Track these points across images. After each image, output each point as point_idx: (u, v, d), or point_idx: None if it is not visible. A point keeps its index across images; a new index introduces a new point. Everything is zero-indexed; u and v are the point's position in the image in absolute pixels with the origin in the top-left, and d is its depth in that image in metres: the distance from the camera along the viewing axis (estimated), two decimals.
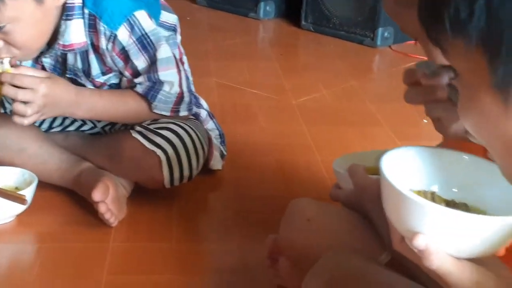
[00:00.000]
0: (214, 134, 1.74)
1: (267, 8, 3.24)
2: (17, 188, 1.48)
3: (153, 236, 1.47)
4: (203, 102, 1.77)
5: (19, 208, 1.45)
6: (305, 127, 2.08)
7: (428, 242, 0.64)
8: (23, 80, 1.37)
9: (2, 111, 1.60)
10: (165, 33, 1.61)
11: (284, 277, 1.27)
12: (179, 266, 1.37)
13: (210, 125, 1.74)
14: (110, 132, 1.68)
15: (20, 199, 1.41)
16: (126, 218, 1.51)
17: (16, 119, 1.38)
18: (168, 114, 1.53)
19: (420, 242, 0.64)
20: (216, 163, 1.72)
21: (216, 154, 1.72)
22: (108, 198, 1.44)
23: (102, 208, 1.43)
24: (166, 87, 1.50)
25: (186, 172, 1.51)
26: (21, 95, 1.36)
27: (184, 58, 1.74)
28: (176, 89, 1.52)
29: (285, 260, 1.26)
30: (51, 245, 1.41)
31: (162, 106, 1.52)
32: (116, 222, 1.47)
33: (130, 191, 1.57)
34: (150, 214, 1.55)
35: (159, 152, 1.47)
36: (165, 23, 1.63)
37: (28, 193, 1.44)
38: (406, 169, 0.75)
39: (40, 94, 1.38)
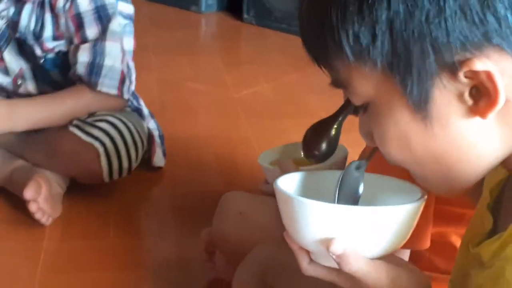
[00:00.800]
0: (156, 134, 1.72)
1: (209, 1, 3.23)
2: None
3: (89, 233, 1.46)
4: (143, 103, 1.75)
5: None
6: (245, 121, 2.08)
7: (344, 245, 0.63)
8: None
9: None
10: (123, 21, 1.59)
11: (220, 270, 1.27)
12: (116, 263, 1.36)
13: (151, 124, 1.72)
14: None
15: None
16: (62, 216, 1.48)
17: None
18: (115, 92, 1.51)
19: (336, 247, 0.63)
20: (159, 160, 1.71)
21: (158, 151, 1.71)
22: (40, 196, 1.41)
23: (32, 207, 1.40)
24: (108, 61, 1.48)
25: (125, 164, 1.49)
26: None
27: None
28: (118, 65, 1.50)
29: (220, 253, 1.26)
30: None
31: (108, 82, 1.49)
32: (50, 221, 1.45)
33: (65, 188, 1.54)
34: (86, 212, 1.53)
35: (96, 144, 1.44)
36: (122, 12, 1.61)
37: None
38: (299, 191, 0.75)
39: None
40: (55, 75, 1.57)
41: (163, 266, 1.35)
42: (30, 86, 1.58)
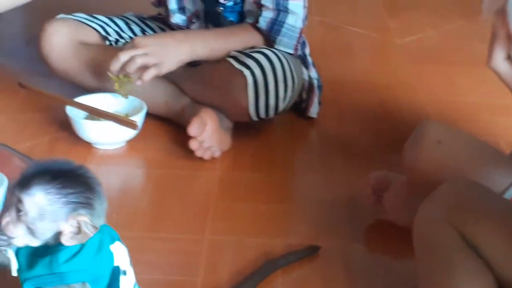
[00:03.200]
0: (315, 83, 1.70)
1: None
2: (127, 115, 1.51)
3: (257, 166, 1.48)
4: (308, 51, 1.72)
5: (130, 133, 1.49)
6: (409, 66, 2.02)
7: None
8: (122, 49, 1.43)
9: None
10: None
11: (389, 212, 1.26)
12: (283, 196, 1.38)
13: (313, 74, 1.69)
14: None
15: (132, 125, 1.45)
16: (232, 149, 1.52)
17: (147, 76, 1.43)
18: (291, 51, 1.52)
19: None
20: (314, 110, 1.68)
21: (315, 101, 1.68)
22: (205, 133, 1.43)
23: (193, 145, 1.43)
24: (290, 20, 1.49)
25: (271, 101, 1.45)
26: (125, 58, 1.42)
27: None
28: (299, 23, 1.50)
29: (391, 195, 1.24)
30: (161, 171, 1.45)
31: (286, 42, 1.50)
32: (219, 153, 1.48)
33: (233, 124, 1.57)
34: (254, 146, 1.56)
35: (246, 72, 1.43)
36: None
37: (139, 119, 1.48)
38: None
39: (140, 46, 1.42)
40: (227, 21, 1.59)
41: (329, 202, 1.36)
42: (201, 26, 1.62)
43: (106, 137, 1.48)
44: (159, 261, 1.16)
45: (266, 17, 1.49)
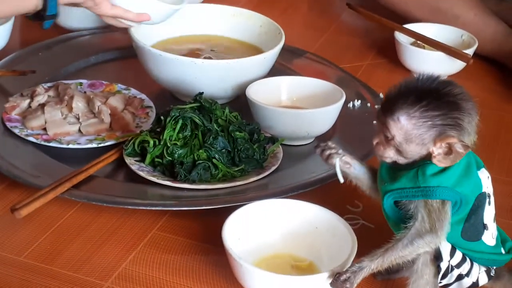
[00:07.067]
0: None
1: None
2: None
3: None
4: None
5: (458, 67, 1.42)
6: None
7: None
8: None
9: None
10: None
11: None
12: None
13: None
14: None
15: (465, 58, 1.37)
16: None
17: None
18: None
19: None
20: None
21: None
22: None
23: None
24: None
25: None
26: None
27: None
28: None
29: None
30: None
31: None
32: None
33: None
34: None
35: None
36: None
37: (471, 52, 1.41)
38: None
39: None
40: None
41: None
42: None
43: (431, 66, 1.43)
44: None
45: None
